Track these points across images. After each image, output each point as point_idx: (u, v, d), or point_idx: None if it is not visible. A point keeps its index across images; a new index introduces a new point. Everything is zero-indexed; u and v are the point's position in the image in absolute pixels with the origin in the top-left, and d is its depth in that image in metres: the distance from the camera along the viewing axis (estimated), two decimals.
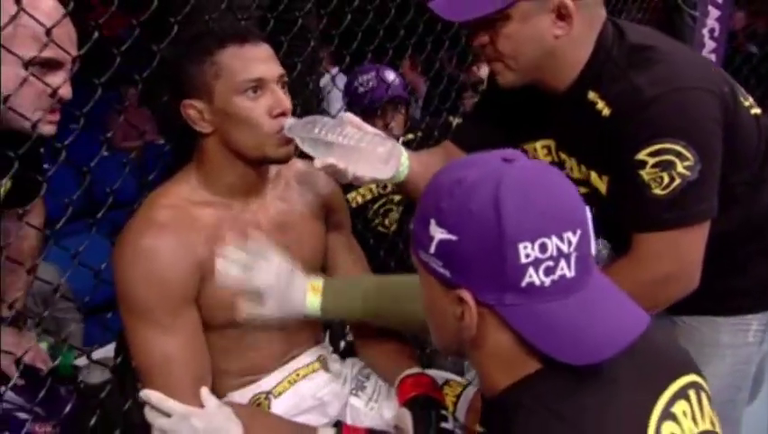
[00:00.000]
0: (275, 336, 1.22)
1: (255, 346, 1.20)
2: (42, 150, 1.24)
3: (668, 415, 0.74)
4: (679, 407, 0.76)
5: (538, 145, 1.26)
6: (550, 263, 0.71)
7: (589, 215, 0.75)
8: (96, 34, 1.11)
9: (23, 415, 1.33)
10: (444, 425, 1.07)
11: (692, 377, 0.80)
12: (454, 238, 0.72)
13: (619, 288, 0.78)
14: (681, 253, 1.11)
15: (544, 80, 1.16)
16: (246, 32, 1.12)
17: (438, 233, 0.73)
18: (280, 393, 1.18)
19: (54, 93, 1.06)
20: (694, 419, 0.77)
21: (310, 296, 1.14)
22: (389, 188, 2.13)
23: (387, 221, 2.18)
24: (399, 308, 1.15)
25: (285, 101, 1.10)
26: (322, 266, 1.31)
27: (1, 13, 0.99)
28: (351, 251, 1.36)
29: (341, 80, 2.32)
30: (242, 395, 1.18)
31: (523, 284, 0.71)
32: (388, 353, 1.25)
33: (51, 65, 1.06)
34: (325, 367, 1.27)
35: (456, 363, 2.13)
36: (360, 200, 2.10)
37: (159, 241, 1.08)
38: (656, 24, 3.12)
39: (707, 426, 0.79)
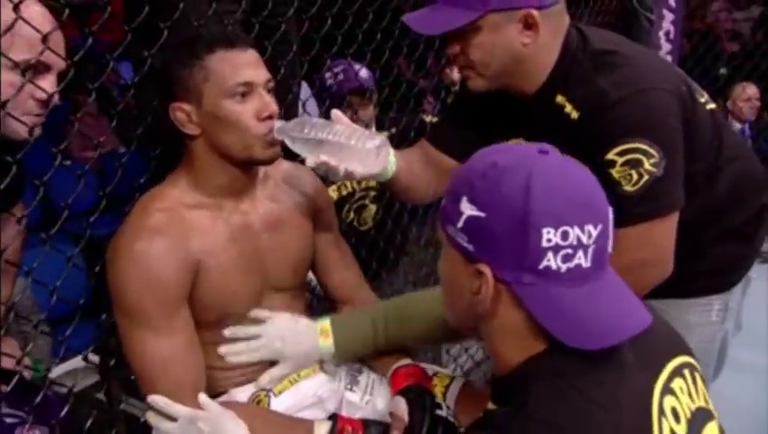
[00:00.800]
0: None
1: None
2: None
3: (668, 390, 0.81)
4: (677, 383, 0.82)
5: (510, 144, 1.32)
6: (569, 251, 0.75)
7: (611, 214, 0.81)
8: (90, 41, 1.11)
9: (10, 420, 1.32)
10: (438, 412, 1.10)
11: (685, 358, 0.87)
12: (482, 215, 0.77)
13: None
14: (655, 242, 1.19)
15: (513, 84, 1.23)
16: (234, 37, 1.15)
17: (468, 210, 0.78)
18: (280, 391, 1.20)
19: (48, 100, 1.06)
20: (690, 395, 0.84)
21: (322, 341, 1.21)
22: (364, 184, 2.16)
23: (361, 218, 2.21)
24: (410, 332, 1.21)
25: (273, 105, 1.13)
26: (310, 264, 1.34)
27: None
28: (339, 249, 1.39)
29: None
30: (243, 392, 1.20)
31: (541, 266, 0.76)
32: None
33: (38, 69, 1.05)
34: (321, 368, 1.29)
35: (434, 358, 2.18)
36: (335, 196, 2.11)
37: (152, 244, 1.09)
38: (614, 28, 3.23)
39: (702, 403, 0.86)
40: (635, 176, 1.13)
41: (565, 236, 0.75)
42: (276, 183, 1.28)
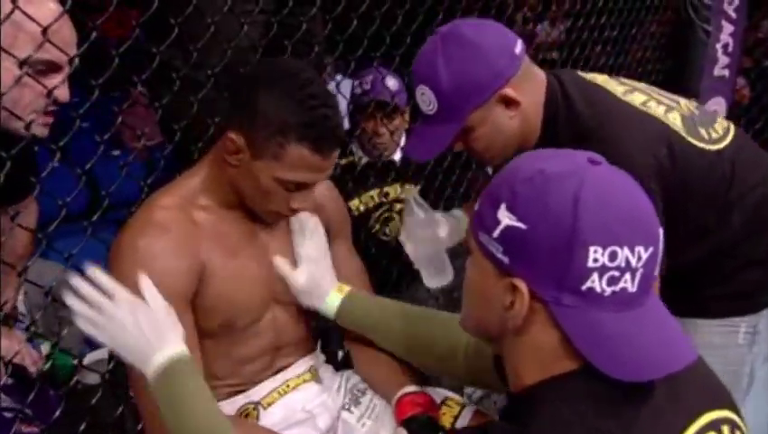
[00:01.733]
0: (267, 344, 1.20)
1: (247, 354, 1.19)
2: (36, 150, 1.22)
3: None
4: None
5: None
6: (616, 273, 0.69)
7: (662, 237, 0.74)
8: (94, 35, 1.09)
9: (9, 415, 1.31)
10: None
11: (727, 413, 0.78)
12: (523, 226, 0.71)
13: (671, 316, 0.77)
14: None
15: (521, 148, 1.24)
16: (329, 135, 1.06)
17: (507, 219, 0.72)
18: (269, 404, 1.17)
19: (50, 95, 1.05)
20: None
21: (334, 293, 1.19)
22: (391, 196, 2.11)
23: (387, 230, 2.16)
24: (408, 350, 1.18)
25: (309, 204, 1.13)
26: None
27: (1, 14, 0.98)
28: (351, 260, 1.35)
29: (346, 86, 2.28)
30: (231, 404, 1.16)
31: (583, 287, 0.69)
32: (386, 368, 1.23)
33: (49, 67, 1.04)
34: (316, 378, 1.25)
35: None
36: (362, 208, 2.07)
37: (157, 242, 1.07)
38: (668, 39, 3.09)
39: None
40: None
41: (613, 257, 0.69)
42: None
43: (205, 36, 1.32)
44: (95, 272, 0.97)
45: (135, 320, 0.94)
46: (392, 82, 1.99)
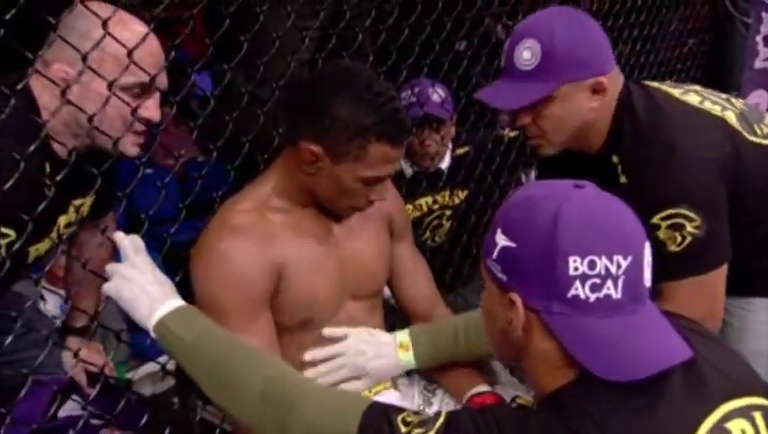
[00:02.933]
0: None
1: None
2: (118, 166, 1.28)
3: (721, 430, 0.76)
4: (737, 424, 0.78)
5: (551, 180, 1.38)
6: (597, 280, 0.75)
7: (648, 249, 0.80)
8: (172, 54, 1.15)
9: (95, 421, 1.36)
10: None
11: (760, 400, 0.81)
12: (513, 245, 0.79)
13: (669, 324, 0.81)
14: (704, 295, 1.24)
15: (580, 145, 1.29)
16: (403, 127, 1.12)
17: (502, 240, 0.80)
18: None
19: (135, 114, 1.10)
20: None
21: (402, 354, 1.23)
22: (440, 203, 2.14)
23: (437, 237, 2.18)
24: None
25: (387, 192, 1.19)
26: (387, 273, 1.32)
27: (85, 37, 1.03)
28: (415, 262, 1.38)
29: None
30: None
31: (569, 295, 0.76)
32: (456, 369, 1.25)
33: (141, 89, 1.09)
34: (395, 385, 1.27)
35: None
36: (415, 214, 2.09)
37: (237, 244, 1.11)
38: (706, 33, 3.07)
39: None
40: (679, 238, 1.20)
41: (592, 265, 0.75)
42: None
43: (268, 52, 1.36)
44: (117, 235, 1.05)
45: (140, 278, 1.00)
46: (439, 92, 2.00)
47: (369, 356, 1.21)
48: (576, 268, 0.75)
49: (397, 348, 1.22)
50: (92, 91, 1.05)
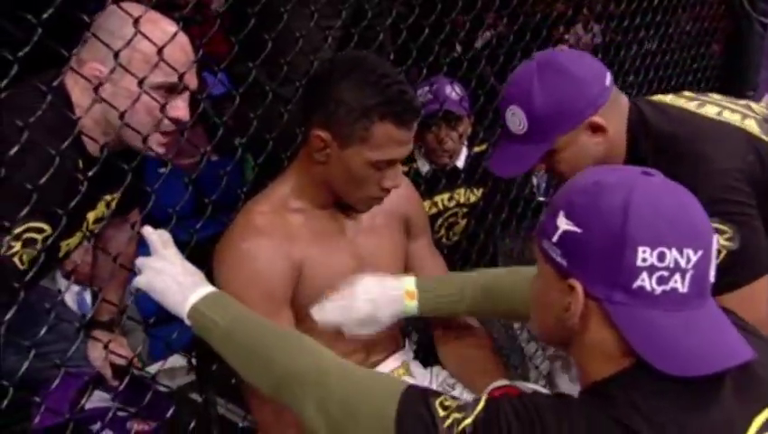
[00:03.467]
0: (362, 339, 1.25)
1: (342, 350, 1.22)
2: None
3: None
4: None
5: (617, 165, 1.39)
6: (665, 273, 0.73)
7: (715, 244, 0.78)
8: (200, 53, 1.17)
9: (121, 413, 1.39)
10: None
11: None
12: (578, 230, 0.76)
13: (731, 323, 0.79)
14: (744, 309, 1.17)
15: None
16: (409, 108, 1.12)
17: (564, 224, 0.77)
18: None
19: (163, 112, 1.12)
20: None
21: (407, 301, 1.21)
22: (456, 201, 2.14)
23: (451, 234, 2.19)
24: (498, 307, 1.21)
25: (400, 178, 1.17)
26: (404, 270, 1.34)
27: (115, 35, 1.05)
28: (432, 258, 1.39)
29: None
30: None
31: (634, 286, 0.74)
32: (475, 363, 1.27)
33: (171, 89, 1.11)
34: (409, 372, 1.29)
35: (523, 374, 2.12)
36: (433, 210, 2.10)
37: (259, 244, 1.13)
38: (723, 33, 3.06)
39: None
40: None
41: (661, 257, 0.73)
42: None
43: (291, 51, 1.38)
44: (146, 229, 1.07)
45: (170, 269, 1.03)
46: (456, 90, 2.01)
47: (378, 302, 1.20)
48: (645, 260, 0.73)
49: (404, 295, 1.22)
50: (122, 89, 1.08)
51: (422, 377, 1.31)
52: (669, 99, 1.35)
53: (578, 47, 2.68)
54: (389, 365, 1.28)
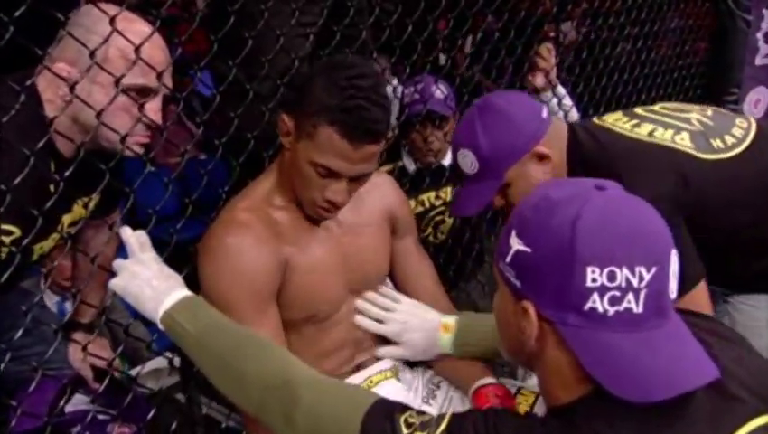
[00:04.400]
0: (347, 336, 1.25)
1: (328, 347, 1.23)
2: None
3: None
4: None
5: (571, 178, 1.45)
6: (616, 293, 0.70)
7: (675, 257, 0.74)
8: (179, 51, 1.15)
9: (101, 417, 1.37)
10: None
11: None
12: (528, 250, 0.74)
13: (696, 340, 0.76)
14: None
15: None
16: (363, 129, 1.06)
17: (516, 244, 0.75)
18: None
19: (140, 112, 1.10)
20: None
21: (441, 334, 1.23)
22: (443, 199, 2.14)
23: (439, 232, 2.19)
24: None
25: (342, 196, 1.11)
26: (389, 269, 1.33)
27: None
28: (418, 257, 1.38)
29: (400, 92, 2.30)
30: None
31: (586, 308, 0.71)
32: (461, 362, 1.25)
33: (144, 91, 1.10)
34: (397, 376, 1.28)
35: (511, 372, 2.13)
36: (418, 209, 2.10)
37: (243, 239, 1.12)
38: (707, 30, 3.07)
39: None
40: None
41: (611, 277, 0.70)
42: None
43: (270, 49, 1.37)
44: (124, 231, 1.06)
45: (146, 273, 1.02)
46: (441, 89, 2.00)
47: (410, 326, 1.24)
48: (595, 280, 0.70)
49: (439, 327, 1.24)
50: (94, 90, 1.06)
51: (410, 379, 1.30)
52: (612, 119, 1.40)
53: (564, 44, 2.68)
54: (378, 367, 1.28)
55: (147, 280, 1.01)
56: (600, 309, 0.70)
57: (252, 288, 1.11)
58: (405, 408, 0.80)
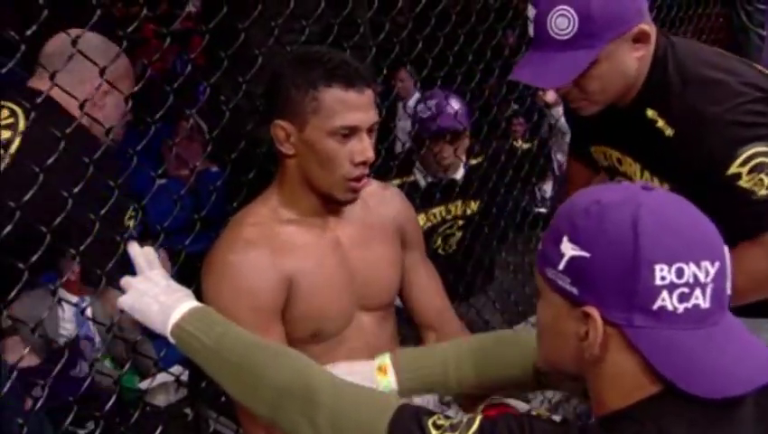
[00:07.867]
0: (356, 352, 1.22)
1: (332, 360, 1.21)
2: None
3: None
4: None
5: (607, 150, 1.37)
6: (685, 290, 0.70)
7: (727, 253, 0.75)
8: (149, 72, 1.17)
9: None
10: None
11: None
12: (586, 255, 0.73)
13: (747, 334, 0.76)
14: None
15: (614, 101, 1.23)
16: (355, 75, 1.09)
17: (570, 250, 0.74)
18: None
19: None
20: None
21: (379, 378, 1.09)
22: (453, 213, 2.14)
23: (447, 245, 2.18)
24: (486, 379, 1.08)
25: (370, 151, 1.12)
26: (399, 284, 1.31)
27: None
28: (426, 272, 1.36)
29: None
30: None
31: (655, 307, 0.70)
32: None
33: None
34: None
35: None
36: (428, 225, 2.09)
37: (247, 256, 1.11)
38: (721, 45, 3.06)
39: None
40: (766, 180, 1.13)
41: (680, 273, 0.70)
42: (364, 202, 1.26)
43: (254, 65, 1.36)
44: (132, 248, 1.05)
45: (154, 289, 1.01)
46: (456, 105, 1.99)
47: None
48: (664, 278, 0.70)
49: (375, 371, 1.10)
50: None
51: (420, 400, 1.28)
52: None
53: None
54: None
55: (155, 296, 1.00)
56: (669, 307, 0.70)
57: (256, 306, 1.10)
58: (432, 412, 0.80)
